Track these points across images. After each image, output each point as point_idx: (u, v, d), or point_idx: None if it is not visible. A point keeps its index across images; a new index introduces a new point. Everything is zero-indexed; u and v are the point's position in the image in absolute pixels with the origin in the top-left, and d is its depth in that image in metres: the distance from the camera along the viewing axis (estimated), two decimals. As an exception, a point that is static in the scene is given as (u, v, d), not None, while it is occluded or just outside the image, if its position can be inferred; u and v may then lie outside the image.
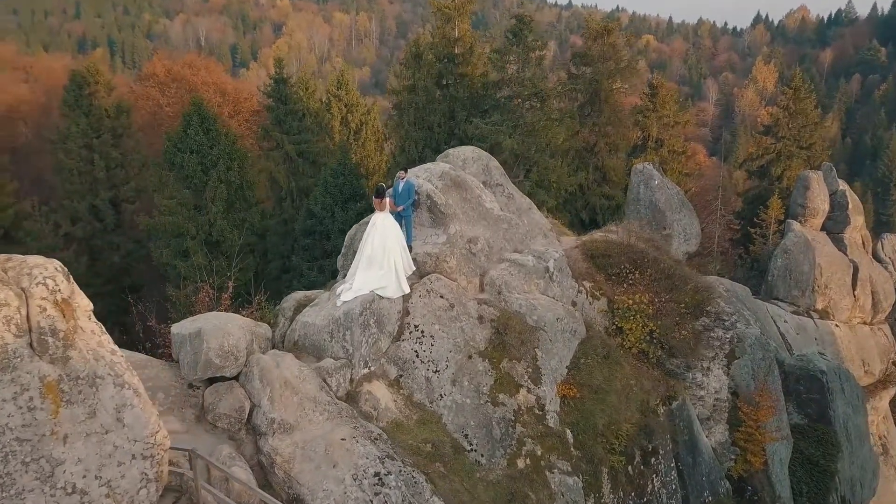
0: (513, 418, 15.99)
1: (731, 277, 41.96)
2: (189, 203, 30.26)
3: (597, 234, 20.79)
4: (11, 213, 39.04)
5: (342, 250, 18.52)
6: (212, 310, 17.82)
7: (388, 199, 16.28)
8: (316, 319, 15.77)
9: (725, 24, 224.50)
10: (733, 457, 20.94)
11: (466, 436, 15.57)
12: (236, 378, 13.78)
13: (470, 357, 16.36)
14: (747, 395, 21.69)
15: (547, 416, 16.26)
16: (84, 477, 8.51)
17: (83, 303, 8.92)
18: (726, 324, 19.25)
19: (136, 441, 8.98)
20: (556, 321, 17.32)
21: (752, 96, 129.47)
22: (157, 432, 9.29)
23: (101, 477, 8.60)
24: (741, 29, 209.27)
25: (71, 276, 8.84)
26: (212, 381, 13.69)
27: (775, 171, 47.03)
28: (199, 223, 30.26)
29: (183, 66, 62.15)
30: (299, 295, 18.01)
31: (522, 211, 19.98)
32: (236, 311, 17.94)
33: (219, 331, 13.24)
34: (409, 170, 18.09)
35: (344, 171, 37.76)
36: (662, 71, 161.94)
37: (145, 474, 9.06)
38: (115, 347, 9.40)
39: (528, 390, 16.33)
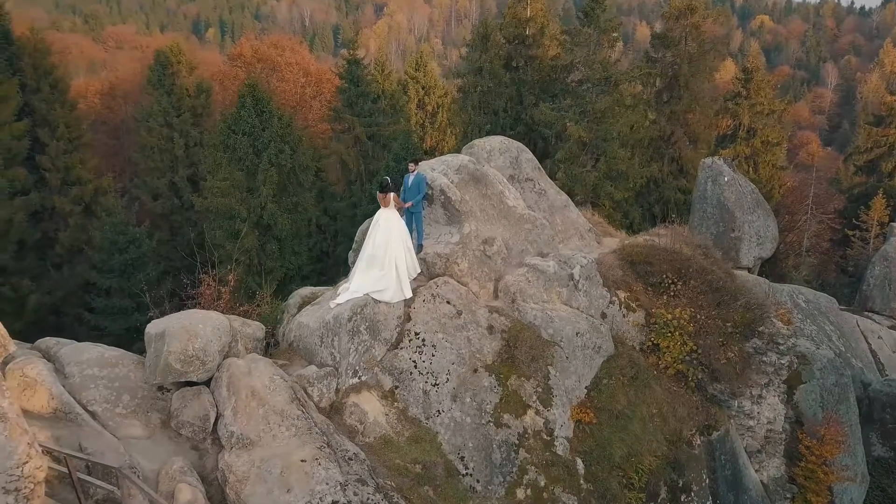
0: (517, 442, 14.41)
1: (822, 285, 38.16)
2: (241, 185, 30.05)
3: (639, 238, 18.66)
4: (91, 189, 40.53)
5: (353, 245, 17.36)
6: (214, 303, 17.09)
7: (391, 195, 14.95)
8: (310, 321, 14.74)
9: (852, 3, 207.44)
10: (790, 495, 18.51)
11: (463, 458, 14.16)
12: (208, 383, 12.93)
13: (475, 371, 14.88)
14: (813, 425, 19.15)
15: (555, 443, 14.57)
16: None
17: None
18: (781, 347, 16.76)
19: (-3, 472, 8.21)
20: (576, 336, 15.50)
21: (877, 82, 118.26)
22: (25, 463, 8.47)
23: (-51, 512, 7.90)
24: (870, 8, 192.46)
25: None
26: (183, 384, 12.91)
27: (885, 166, 42.30)
28: (250, 206, 30.01)
29: (269, 47, 62.86)
30: (306, 291, 17.05)
31: (556, 209, 18.15)
32: (240, 305, 17.23)
33: (184, 332, 12.36)
34: (423, 161, 16.67)
35: (407, 155, 36.68)
36: (778, 53, 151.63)
37: (9, 509, 8.31)
38: (-10, 364, 8.59)
39: (537, 412, 14.68)
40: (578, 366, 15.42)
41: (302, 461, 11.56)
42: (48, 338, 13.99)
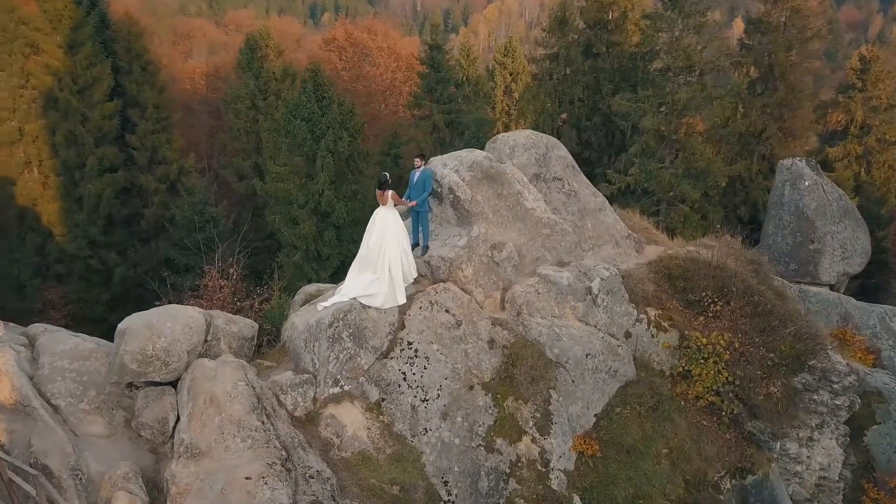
0: (507, 471, 13.08)
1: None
2: (301, 171, 29.83)
3: (682, 249, 16.59)
4: (176, 168, 41.95)
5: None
6: (214, 296, 16.71)
7: (390, 193, 13.84)
8: (300, 322, 13.97)
9: None
10: (847, 552, 16.10)
11: (446, 483, 12.99)
12: (175, 383, 12.40)
13: (471, 388, 13.62)
14: (885, 475, 16.57)
15: (550, 475, 13.09)
16: None
17: None
18: (835, 386, 14.36)
19: None
20: (586, 358, 13.87)
21: None
22: None
23: None
24: None
25: None
26: (150, 382, 12.43)
27: None
28: (309, 192, 29.75)
29: (362, 31, 62.96)
30: (311, 288, 16.33)
31: (587, 212, 16.41)
32: (243, 299, 16.76)
33: (146, 330, 11.82)
34: (435, 157, 15.45)
35: (478, 144, 35.44)
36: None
37: None
38: None
39: (533, 439, 13.26)
40: (587, 391, 13.81)
41: (247, 478, 10.75)
42: (38, 324, 13.95)
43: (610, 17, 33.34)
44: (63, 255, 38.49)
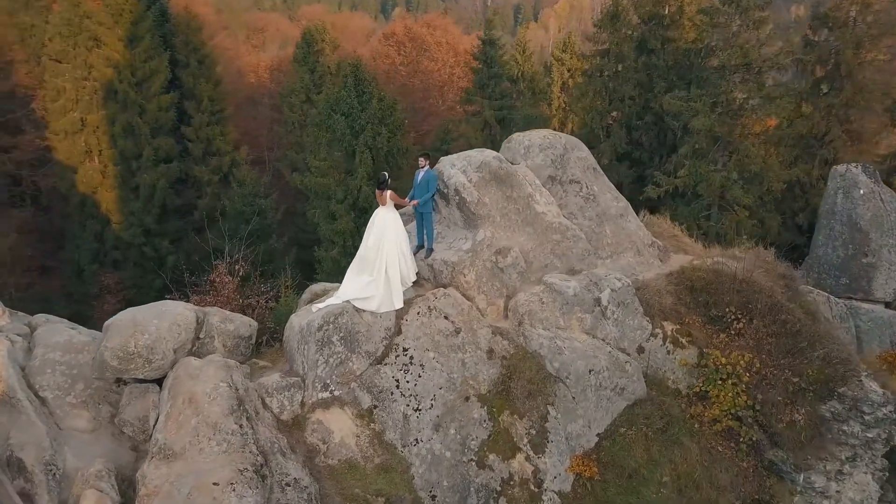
0: (498, 488, 12.42)
1: None
2: (340, 166, 29.70)
3: (708, 260, 15.42)
4: (229, 160, 42.72)
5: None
6: (224, 293, 16.58)
7: (388, 192, 13.37)
8: (297, 322, 13.68)
9: None
10: None
11: (434, 497, 12.44)
12: (161, 381, 12.27)
13: (466, 399, 13.01)
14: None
15: (543, 496, 12.36)
16: None
17: None
18: (867, 418, 13.04)
19: None
20: (589, 374, 13.03)
21: None
22: None
23: None
24: None
25: None
26: (136, 379, 12.33)
27: None
28: (347, 187, 29.61)
29: (421, 26, 62.76)
30: (318, 287, 15.99)
31: (607, 218, 15.48)
32: (244, 297, 16.61)
33: (130, 327, 11.72)
34: (445, 157, 14.85)
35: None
36: None
37: None
38: None
39: (527, 457, 12.55)
40: (589, 409, 12.99)
41: (214, 484, 10.47)
42: (41, 314, 14.08)
43: (666, 12, 31.88)
44: (119, 243, 39.65)
